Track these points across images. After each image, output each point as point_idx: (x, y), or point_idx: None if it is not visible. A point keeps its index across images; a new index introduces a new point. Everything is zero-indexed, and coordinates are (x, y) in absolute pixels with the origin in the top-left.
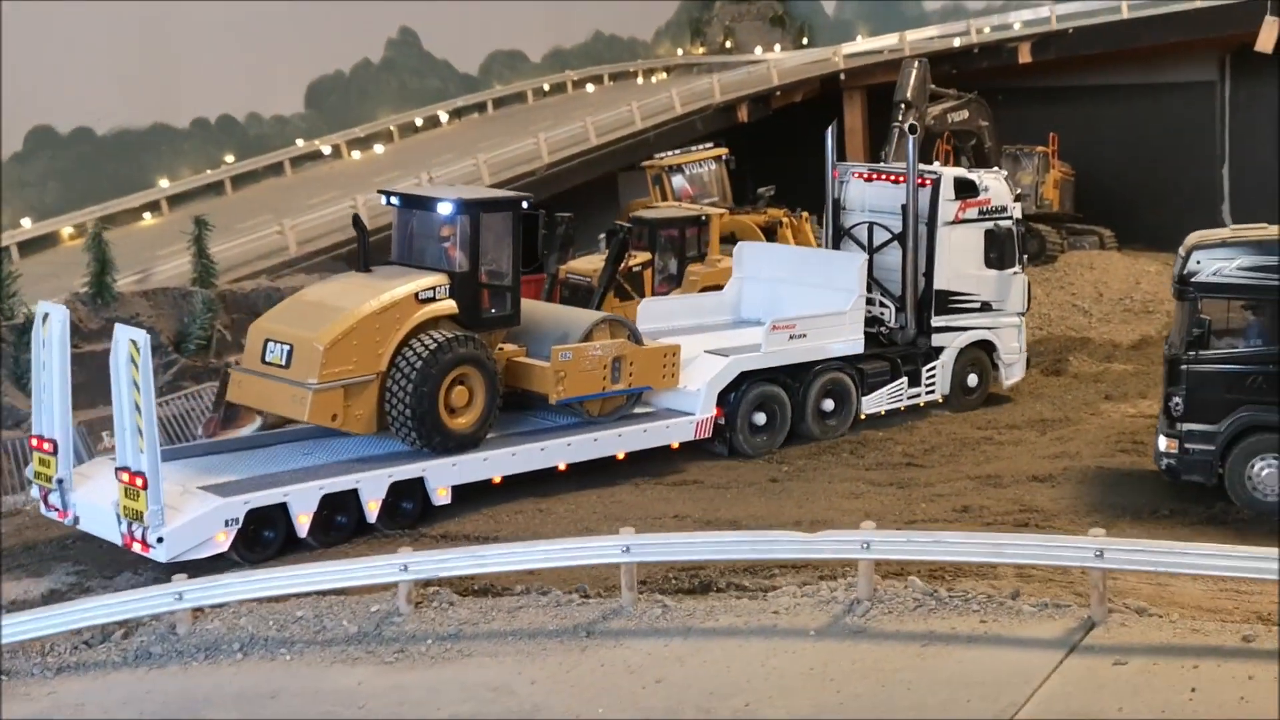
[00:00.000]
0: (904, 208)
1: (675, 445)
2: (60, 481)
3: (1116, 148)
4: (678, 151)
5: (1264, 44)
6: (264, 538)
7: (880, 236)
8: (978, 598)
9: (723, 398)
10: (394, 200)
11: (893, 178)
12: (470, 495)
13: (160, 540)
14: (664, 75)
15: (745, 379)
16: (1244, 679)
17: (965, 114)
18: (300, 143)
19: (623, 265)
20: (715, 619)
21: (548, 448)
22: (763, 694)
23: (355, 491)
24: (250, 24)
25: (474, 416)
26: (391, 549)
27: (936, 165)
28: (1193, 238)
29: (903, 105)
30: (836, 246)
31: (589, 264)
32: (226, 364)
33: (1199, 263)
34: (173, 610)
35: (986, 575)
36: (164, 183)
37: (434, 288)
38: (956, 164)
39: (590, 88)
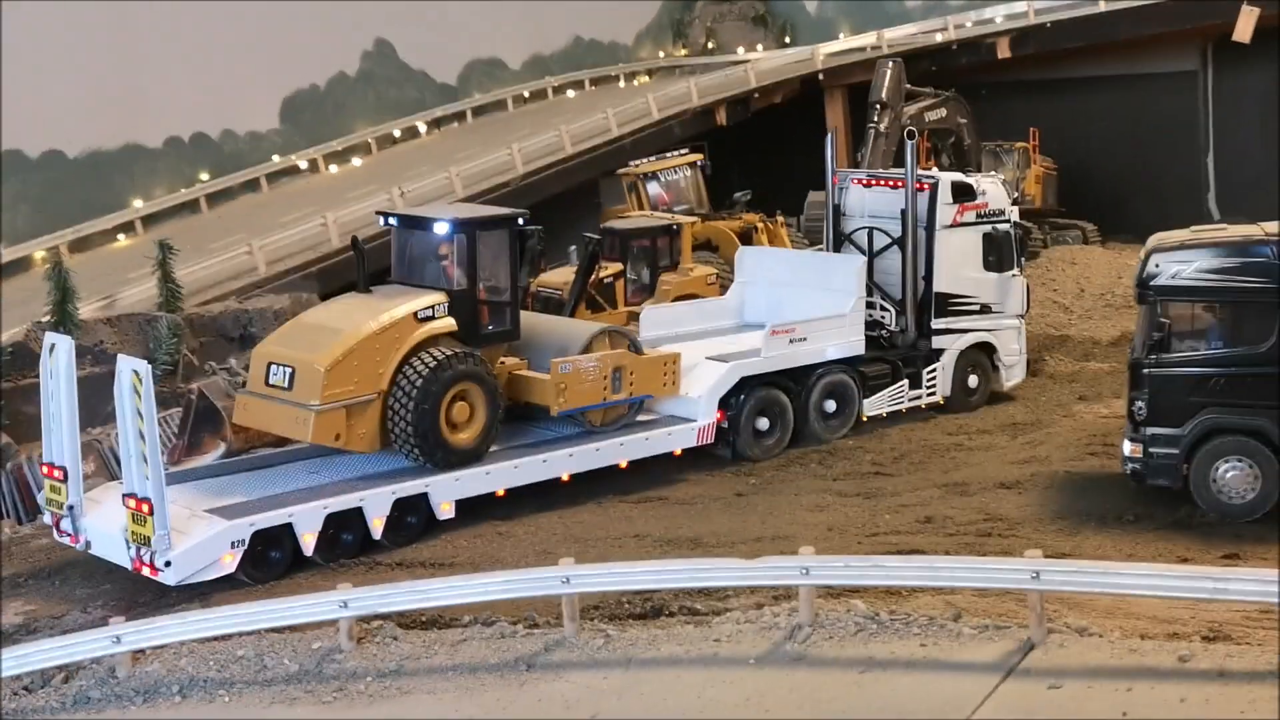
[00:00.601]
0: (903, 212)
1: (678, 452)
2: (71, 508)
3: (1100, 139)
4: (653, 158)
5: (1242, 33)
6: (271, 558)
7: (880, 241)
8: (919, 620)
9: (726, 402)
10: (392, 221)
11: (891, 183)
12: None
13: (168, 564)
14: (646, 78)
15: (747, 384)
16: (1176, 701)
17: (943, 112)
18: (276, 158)
19: (594, 276)
20: (657, 648)
21: (550, 459)
22: None
23: (360, 509)
24: (223, 39)
25: (476, 431)
26: (334, 583)
27: (934, 170)
28: (1152, 241)
29: (878, 106)
30: (837, 252)
31: (560, 276)
32: (189, 390)
33: (1158, 266)
34: (111, 653)
35: (941, 590)
36: (138, 203)
37: (433, 306)
38: (936, 163)
39: (571, 93)
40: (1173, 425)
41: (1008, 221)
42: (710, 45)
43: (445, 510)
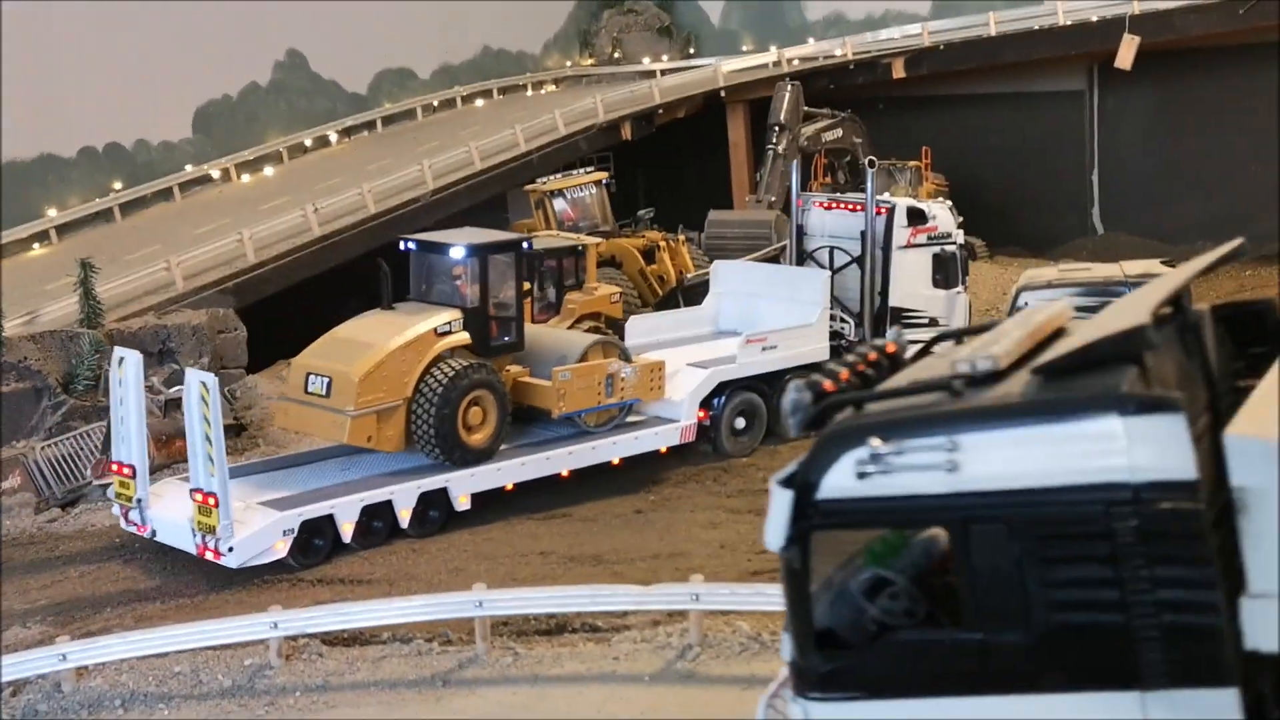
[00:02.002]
0: (863, 234)
1: (664, 450)
2: (139, 501)
3: (991, 155)
4: (559, 176)
5: (1123, 60)
6: (315, 544)
7: (840, 259)
8: None
9: (707, 403)
10: (411, 245)
11: (850, 206)
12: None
13: (231, 549)
14: (553, 87)
15: (725, 387)
16: None
17: (839, 132)
18: (189, 168)
19: None
20: (561, 665)
21: (552, 457)
22: None
23: (390, 502)
24: (136, 50)
25: (488, 433)
26: (264, 603)
27: (887, 195)
28: (1023, 278)
29: (777, 128)
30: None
31: None
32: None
33: (1026, 303)
34: (58, 670)
35: None
36: (52, 212)
37: (450, 322)
38: (833, 180)
39: (480, 102)
40: None
41: (954, 243)
42: (616, 55)
43: (463, 503)
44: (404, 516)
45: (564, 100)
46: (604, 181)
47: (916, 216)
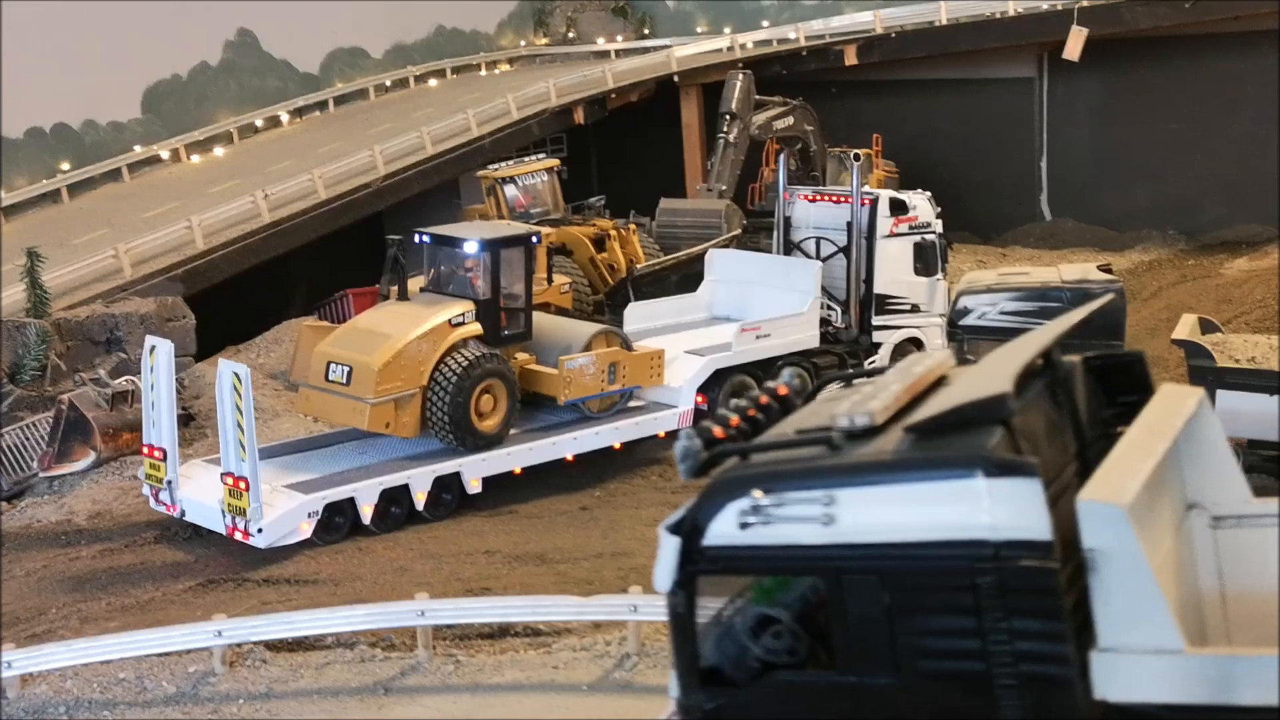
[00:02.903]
0: (849, 224)
1: (662, 434)
2: (169, 482)
3: (942, 140)
4: (511, 162)
5: (1071, 52)
6: (336, 523)
7: (826, 249)
8: None
9: (706, 388)
10: (425, 238)
11: (835, 198)
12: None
13: (260, 531)
14: (507, 67)
15: (721, 373)
16: None
17: (790, 120)
18: (138, 149)
19: None
20: (501, 674)
21: (558, 441)
22: None
23: (407, 485)
24: (83, 29)
25: (499, 419)
26: (209, 605)
27: (868, 187)
28: (963, 282)
29: (728, 117)
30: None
31: (415, 284)
32: (60, 400)
33: (967, 307)
34: (2, 677)
35: None
36: None
37: (463, 313)
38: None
39: (433, 82)
40: None
41: (934, 232)
42: (571, 35)
43: (474, 486)
44: (420, 499)
45: (517, 81)
46: (556, 169)
47: (898, 207)
